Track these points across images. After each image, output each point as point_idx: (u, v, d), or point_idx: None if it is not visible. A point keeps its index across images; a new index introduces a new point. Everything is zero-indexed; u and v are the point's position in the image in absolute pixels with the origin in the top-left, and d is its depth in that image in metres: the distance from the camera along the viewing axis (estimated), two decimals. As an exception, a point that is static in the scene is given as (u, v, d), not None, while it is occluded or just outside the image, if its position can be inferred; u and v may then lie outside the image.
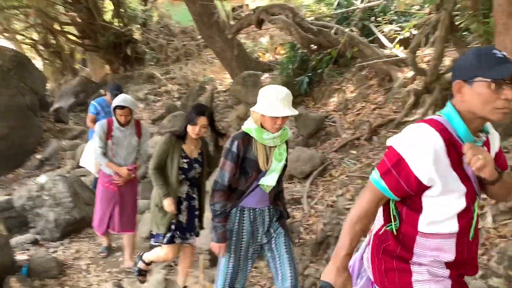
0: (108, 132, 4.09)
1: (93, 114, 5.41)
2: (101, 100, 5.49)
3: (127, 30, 12.34)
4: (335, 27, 6.26)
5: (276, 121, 2.44)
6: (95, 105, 5.41)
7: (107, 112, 5.26)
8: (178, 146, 3.24)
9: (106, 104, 5.34)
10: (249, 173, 2.56)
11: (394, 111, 5.57)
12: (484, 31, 4.09)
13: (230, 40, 8.16)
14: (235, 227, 2.66)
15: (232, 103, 8.96)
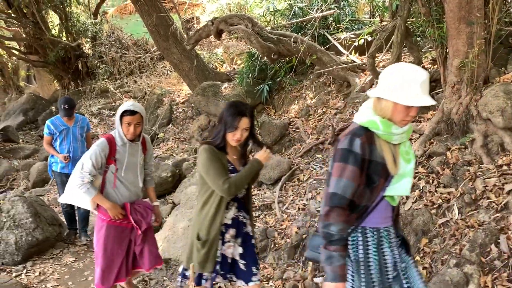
0: (110, 153, 3.10)
1: (48, 135, 5.11)
2: (55, 119, 5.18)
3: (77, 44, 11.97)
4: (294, 35, 6.41)
5: (409, 112, 1.90)
6: (49, 125, 5.10)
7: (61, 132, 5.09)
8: (223, 160, 2.59)
9: (61, 122, 5.12)
10: (375, 181, 1.94)
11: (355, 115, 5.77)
12: (438, 35, 4.36)
13: (187, 52, 8.14)
14: (360, 256, 1.98)
15: (192, 114, 8.92)
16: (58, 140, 5.10)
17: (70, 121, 5.12)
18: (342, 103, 6.20)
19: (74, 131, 5.14)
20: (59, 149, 5.10)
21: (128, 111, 3.04)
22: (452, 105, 4.32)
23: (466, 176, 3.70)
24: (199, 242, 2.62)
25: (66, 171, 5.04)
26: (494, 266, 2.82)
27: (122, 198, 3.22)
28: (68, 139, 5.11)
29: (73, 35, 12.27)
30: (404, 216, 3.67)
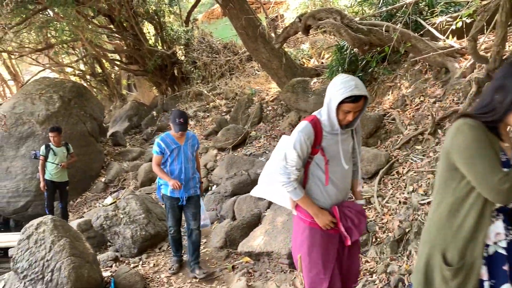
0: (315, 140, 2.46)
1: (158, 154, 4.48)
2: (166, 136, 4.53)
3: (172, 52, 12.76)
4: (385, 24, 6.22)
5: None
6: (159, 143, 4.45)
7: (173, 151, 4.47)
8: (496, 147, 1.73)
9: (172, 140, 4.50)
10: None
11: (456, 102, 5.46)
12: (551, 10, 3.97)
13: (275, 50, 8.28)
14: None
15: (282, 111, 9.06)
16: (169, 160, 4.48)
17: (182, 139, 4.52)
18: (441, 90, 5.88)
19: (185, 150, 4.52)
20: (169, 169, 4.49)
21: (352, 97, 2.25)
22: None
23: None
24: (449, 269, 1.79)
25: (176, 194, 4.51)
26: None
27: (330, 199, 2.56)
28: (179, 159, 4.48)
29: (168, 43, 13.12)
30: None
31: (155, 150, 4.49)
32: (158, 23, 12.93)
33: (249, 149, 8.26)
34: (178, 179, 4.43)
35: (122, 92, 18.51)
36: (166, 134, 4.57)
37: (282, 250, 4.29)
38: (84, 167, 9.11)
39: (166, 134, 4.58)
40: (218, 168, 7.34)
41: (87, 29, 11.20)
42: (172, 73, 13.16)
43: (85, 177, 9.15)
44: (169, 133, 4.57)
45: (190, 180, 4.59)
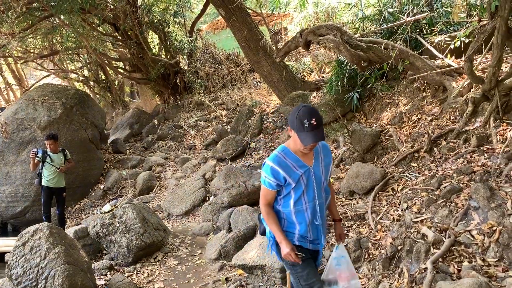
0: None
1: (272, 189, 2.62)
2: (282, 154, 2.58)
3: (175, 61, 12.89)
4: (384, 42, 6.31)
5: None
6: (274, 168, 2.53)
7: (299, 180, 2.58)
8: None
9: (294, 160, 2.57)
10: None
11: (452, 121, 5.51)
12: (545, 34, 4.04)
13: (276, 63, 8.38)
14: None
15: (281, 123, 9.12)
16: (292, 196, 2.64)
17: (310, 155, 2.64)
18: (438, 108, 5.95)
19: (317, 174, 2.68)
20: (291, 215, 2.70)
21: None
22: None
23: None
24: None
25: (308, 245, 2.79)
26: None
27: None
28: (309, 192, 2.66)
29: (171, 53, 13.26)
30: (509, 228, 3.46)
31: (266, 181, 2.60)
32: (163, 33, 13.09)
33: (248, 160, 8.32)
34: (309, 233, 2.72)
35: (125, 99, 18.66)
36: (284, 150, 2.58)
37: (275, 264, 4.32)
38: (84, 173, 9.17)
39: (283, 149, 2.59)
40: (216, 179, 7.39)
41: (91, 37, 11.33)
42: (175, 82, 13.29)
43: (84, 183, 9.20)
44: (287, 148, 2.59)
45: (323, 226, 2.81)
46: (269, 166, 2.55)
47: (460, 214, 4.04)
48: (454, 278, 3.34)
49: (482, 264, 3.39)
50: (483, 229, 3.70)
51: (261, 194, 2.72)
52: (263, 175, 2.62)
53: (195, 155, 9.88)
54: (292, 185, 2.57)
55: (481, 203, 3.95)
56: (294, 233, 2.70)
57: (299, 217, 2.67)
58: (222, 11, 8.19)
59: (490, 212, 3.81)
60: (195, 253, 5.75)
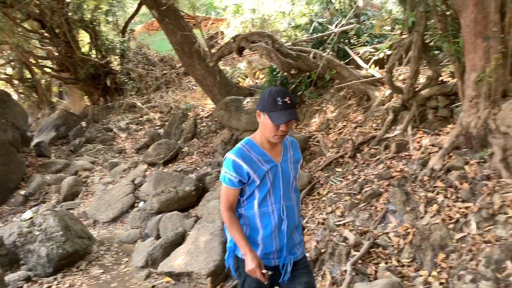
0: None
1: (234, 187, 2.30)
2: (246, 147, 2.31)
3: (106, 62, 12.44)
4: (313, 51, 6.53)
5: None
6: (236, 161, 2.26)
7: (265, 176, 2.30)
8: None
9: (260, 153, 2.32)
10: None
11: (374, 128, 5.81)
12: (454, 50, 4.38)
13: (211, 68, 8.36)
14: None
15: (215, 128, 9.11)
16: (257, 195, 2.33)
17: (278, 149, 2.41)
18: (362, 116, 6.24)
19: (285, 171, 2.38)
20: (255, 219, 2.37)
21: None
22: (470, 119, 4.32)
23: (484, 191, 3.70)
24: None
25: (273, 261, 2.41)
26: (510, 282, 2.82)
27: None
28: (276, 192, 2.34)
29: (102, 53, 12.77)
30: (421, 230, 3.70)
31: (227, 178, 2.28)
32: (93, 32, 12.58)
33: (180, 165, 8.20)
34: (274, 240, 2.34)
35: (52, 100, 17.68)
36: (248, 143, 2.32)
37: (202, 271, 4.29)
38: (2, 178, 8.54)
39: (247, 142, 2.32)
40: (146, 184, 7.20)
41: (14, 33, 10.63)
42: (105, 83, 12.81)
43: (2, 189, 8.56)
44: (251, 141, 2.32)
45: (293, 233, 2.43)
46: (231, 160, 2.22)
47: (379, 217, 4.26)
48: (371, 279, 3.51)
49: (397, 265, 3.59)
50: (399, 232, 3.93)
51: (222, 195, 2.33)
52: (223, 171, 2.28)
53: (125, 160, 9.58)
54: (256, 182, 2.24)
55: (397, 206, 4.20)
56: (256, 241, 2.31)
57: (264, 220, 2.29)
58: (155, 13, 8.04)
59: (405, 215, 4.06)
60: (122, 261, 5.56)
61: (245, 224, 2.33)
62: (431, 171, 4.35)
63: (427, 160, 4.56)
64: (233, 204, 2.31)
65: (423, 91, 5.26)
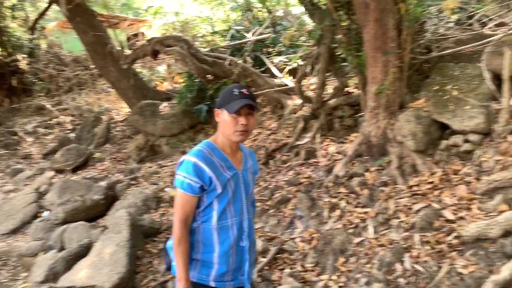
0: None
1: (194, 193, 2.05)
2: (207, 149, 2.11)
3: (12, 60, 11.51)
4: (229, 58, 6.56)
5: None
6: (197, 164, 2.04)
7: (226, 184, 2.11)
8: None
9: (221, 158, 2.13)
10: None
11: (287, 135, 5.96)
12: (357, 63, 4.63)
13: (125, 70, 8.07)
14: None
15: (130, 133, 8.79)
16: (215, 207, 2.11)
17: (237, 155, 2.21)
18: (276, 124, 6.38)
19: (246, 180, 2.19)
20: (213, 234, 2.17)
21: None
22: (371, 129, 4.59)
23: (381, 197, 3.94)
24: None
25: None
26: (398, 283, 3.01)
27: None
28: (236, 203, 2.14)
29: (8, 50, 11.80)
30: (325, 235, 3.83)
31: (186, 183, 1.99)
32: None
33: (90, 172, 7.78)
34: (230, 258, 2.10)
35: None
36: (209, 145, 2.08)
37: (105, 284, 4.07)
38: None
39: (208, 144, 2.09)
40: (51, 193, 6.72)
41: None
42: (10, 83, 11.83)
43: None
44: (212, 143, 2.10)
45: (251, 251, 2.22)
46: (192, 162, 1.96)
47: (287, 223, 4.36)
48: (275, 285, 3.57)
49: (301, 270, 3.68)
50: (304, 237, 4.04)
51: (177, 205, 2.01)
52: (180, 176, 1.98)
53: (31, 166, 8.88)
54: (217, 191, 2.00)
55: (304, 212, 4.32)
56: (211, 261, 2.05)
57: (222, 235, 2.05)
58: (64, 10, 7.59)
59: (311, 221, 4.19)
60: (19, 276, 5.12)
61: (198, 241, 2.05)
62: (335, 177, 4.54)
63: (332, 167, 4.77)
64: (189, 217, 2.02)
65: (331, 101, 5.50)
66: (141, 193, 5.76)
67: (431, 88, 4.49)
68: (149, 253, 4.58)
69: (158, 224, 5.02)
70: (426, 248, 3.13)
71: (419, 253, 3.10)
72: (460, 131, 3.98)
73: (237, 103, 1.92)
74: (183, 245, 1.99)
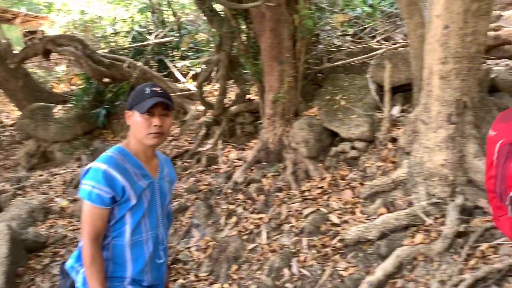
0: None
1: (104, 206, 1.75)
2: (119, 156, 1.84)
3: None
4: (128, 60, 6.30)
5: None
6: (107, 172, 1.80)
7: (141, 195, 1.88)
8: None
9: (136, 166, 1.92)
10: None
11: (189, 142, 5.87)
12: (255, 71, 4.70)
13: (14, 69, 7.38)
14: None
15: (20, 138, 8.06)
16: (128, 221, 1.84)
17: (153, 162, 1.95)
18: (179, 129, 6.25)
19: (162, 189, 1.96)
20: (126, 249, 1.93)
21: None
22: (269, 135, 4.68)
23: (275, 202, 4.01)
24: None
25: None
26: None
27: None
28: (152, 216, 1.89)
29: None
30: (220, 243, 3.81)
31: (94, 193, 1.70)
32: None
33: (-28, 181, 6.99)
34: (145, 276, 1.89)
35: None
36: (121, 151, 1.82)
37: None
38: None
39: (120, 150, 1.82)
40: None
41: None
42: None
43: None
44: (125, 149, 1.84)
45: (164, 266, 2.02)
46: (101, 170, 1.69)
47: (184, 232, 4.26)
48: (167, 297, 3.45)
49: (194, 280, 3.61)
50: (200, 246, 3.97)
51: (85, 220, 1.72)
52: (87, 186, 1.69)
53: None
54: (131, 202, 1.75)
55: (201, 220, 4.26)
56: (124, 277, 1.82)
57: (135, 252, 1.82)
58: None
59: (207, 229, 4.14)
60: None
61: (108, 259, 1.79)
62: (234, 184, 4.55)
63: (232, 174, 4.77)
64: (100, 232, 1.74)
65: (232, 107, 5.53)
66: (27, 204, 5.27)
67: (323, 98, 4.70)
68: (31, 269, 4.19)
69: (44, 238, 4.62)
70: (312, 252, 3.23)
71: (305, 257, 3.20)
72: (348, 139, 4.20)
73: (149, 101, 1.70)
74: (97, 264, 1.73)
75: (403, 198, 3.30)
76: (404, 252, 2.74)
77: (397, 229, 3.00)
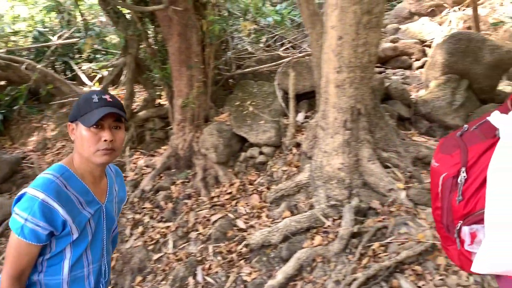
0: None
1: (38, 242, 1.43)
2: (60, 180, 1.50)
3: None
4: (27, 62, 5.85)
5: None
6: (45, 204, 1.46)
7: (85, 226, 1.61)
8: None
9: (81, 190, 1.55)
10: None
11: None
12: (163, 75, 4.60)
13: None
14: None
15: None
16: (67, 255, 1.53)
17: (101, 180, 1.62)
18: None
19: (109, 214, 1.66)
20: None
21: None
22: (178, 141, 4.60)
23: (184, 210, 3.94)
24: None
25: None
26: (190, 297, 3.02)
27: None
28: (96, 247, 1.59)
29: None
30: (124, 254, 3.65)
31: (27, 228, 1.37)
32: None
33: None
34: None
35: None
36: (64, 172, 1.45)
37: None
38: None
39: (62, 170, 1.46)
40: None
41: None
42: None
43: None
44: (68, 169, 1.48)
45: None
46: (38, 201, 1.35)
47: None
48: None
49: (95, 295, 3.41)
50: (104, 258, 3.78)
51: (9, 255, 1.41)
52: (20, 217, 1.36)
53: None
54: (73, 236, 1.45)
55: (105, 231, 4.05)
56: None
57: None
58: None
59: (112, 240, 3.95)
60: None
61: None
62: (141, 192, 4.40)
63: (140, 181, 4.62)
64: (25, 272, 1.42)
65: (141, 112, 5.36)
66: None
67: (233, 103, 4.73)
68: None
69: None
70: (218, 259, 3.22)
71: (210, 264, 3.17)
72: (256, 144, 4.26)
73: (97, 112, 1.39)
74: None
75: (305, 201, 3.41)
76: (303, 255, 2.82)
77: (299, 232, 3.09)
